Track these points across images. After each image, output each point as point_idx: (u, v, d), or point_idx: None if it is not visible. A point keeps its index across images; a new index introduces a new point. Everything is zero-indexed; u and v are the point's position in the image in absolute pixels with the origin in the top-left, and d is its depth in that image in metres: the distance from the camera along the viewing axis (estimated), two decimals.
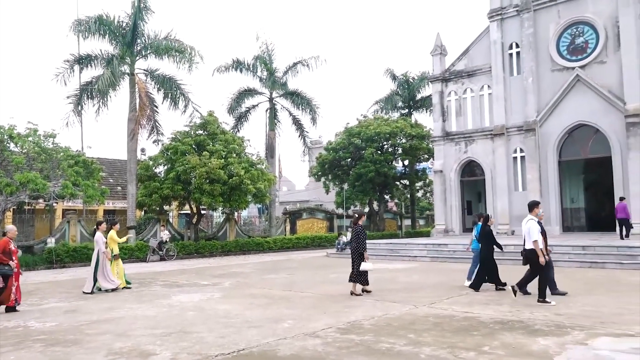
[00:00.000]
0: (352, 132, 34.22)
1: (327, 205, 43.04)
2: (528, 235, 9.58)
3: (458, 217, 27.45)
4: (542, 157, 24.27)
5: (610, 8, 22.71)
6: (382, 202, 37.00)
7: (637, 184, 21.44)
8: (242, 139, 27.79)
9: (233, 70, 31.96)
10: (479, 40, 27.21)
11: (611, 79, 22.53)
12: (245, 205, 27.25)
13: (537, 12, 24.82)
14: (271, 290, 12.26)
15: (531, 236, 9.48)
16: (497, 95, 25.85)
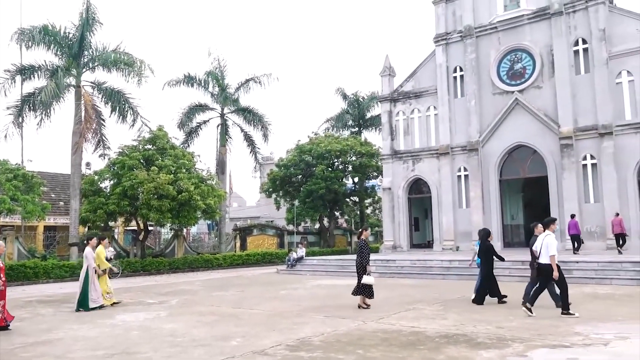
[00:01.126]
0: (304, 149, 34.53)
1: (278, 221, 42.97)
2: (546, 249, 9.79)
3: (406, 233, 28.11)
4: (485, 175, 25.35)
5: (545, 37, 24.23)
6: (333, 218, 37.36)
7: (571, 202, 22.76)
8: (193, 155, 27.48)
9: (184, 85, 31.72)
10: (425, 63, 28.28)
11: (547, 103, 23.95)
12: (195, 221, 26.85)
13: (479, 38, 26.12)
14: (220, 307, 12.14)
15: (549, 250, 9.72)
16: (442, 116, 26.86)
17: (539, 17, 24.38)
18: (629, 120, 21.98)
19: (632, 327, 8.36)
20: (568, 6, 23.65)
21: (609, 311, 10.11)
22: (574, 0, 23.53)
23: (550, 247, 9.70)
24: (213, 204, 25.61)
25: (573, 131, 22.97)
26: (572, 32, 23.57)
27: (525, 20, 24.78)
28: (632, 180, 21.73)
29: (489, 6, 25.97)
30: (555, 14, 23.83)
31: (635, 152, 21.68)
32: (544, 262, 9.79)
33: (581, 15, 23.34)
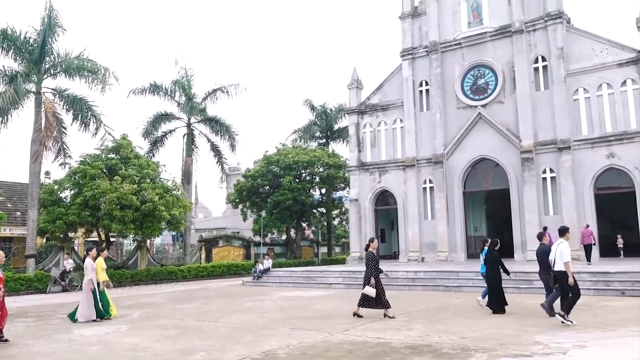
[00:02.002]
0: (271, 160, 34.43)
1: (244, 232, 42.58)
2: (560, 256, 9.99)
3: None
4: (449, 187, 25.84)
5: (507, 54, 25.03)
6: (300, 229, 37.27)
7: (531, 213, 23.42)
8: (157, 164, 27.00)
9: (150, 94, 31.22)
10: (392, 76, 28.75)
11: (509, 118, 24.66)
12: (159, 232, 26.31)
13: (444, 53, 26.76)
14: (183, 320, 11.89)
15: (563, 257, 9.92)
16: (408, 129, 27.30)
17: (501, 34, 25.18)
18: (586, 136, 22.86)
19: (589, 336, 8.61)
20: (528, 25, 24.52)
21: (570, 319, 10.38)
22: (534, 20, 24.43)
23: (564, 254, 9.92)
24: (178, 215, 25.17)
25: (533, 145, 23.71)
26: (532, 49, 24.42)
27: (488, 38, 25.54)
28: (589, 193, 22.54)
29: (454, 23, 26.67)
30: (516, 32, 24.67)
31: (592, 166, 22.53)
32: (559, 269, 10.02)
33: (541, 34, 24.23)
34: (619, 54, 22.58)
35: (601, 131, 22.59)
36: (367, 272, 11.39)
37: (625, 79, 22.28)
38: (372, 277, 11.11)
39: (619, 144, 22.10)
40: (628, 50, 22.46)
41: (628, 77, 22.22)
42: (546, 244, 11.22)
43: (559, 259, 10.00)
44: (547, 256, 10.72)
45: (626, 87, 22.26)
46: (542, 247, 11.11)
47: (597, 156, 22.54)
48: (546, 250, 10.93)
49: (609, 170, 22.43)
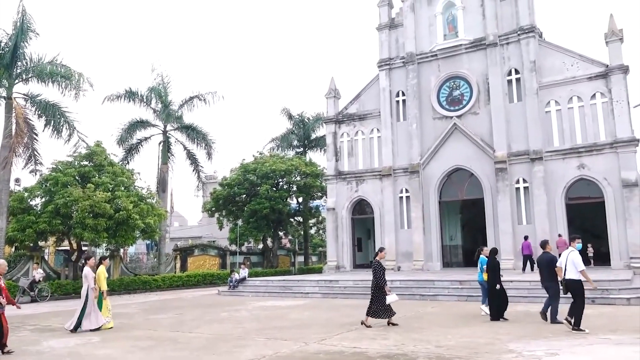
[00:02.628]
0: (248, 168, 34.26)
1: (220, 241, 42.16)
2: (572, 265, 10.13)
3: (349, 253, 28.34)
4: (425, 197, 26.09)
5: (481, 66, 25.53)
6: (276, 238, 37.10)
7: (505, 222, 23.82)
8: (132, 172, 26.59)
9: (125, 101, 30.80)
10: (369, 86, 29.01)
11: (483, 129, 25.10)
12: (133, 241, 25.84)
13: (420, 64, 27.14)
14: (157, 331, 11.68)
15: (577, 266, 10.08)
16: (385, 139, 27.53)
17: (476, 47, 25.68)
18: (557, 147, 23.40)
19: (561, 344, 8.76)
20: (502, 38, 25.08)
21: (539, 328, 10.55)
22: (507, 33, 25.00)
23: (576, 263, 10.11)
24: (153, 223, 24.79)
25: (507, 156, 24.16)
26: (505, 62, 24.97)
27: (463, 50, 26.02)
28: (561, 203, 23.04)
29: (430, 35, 27.10)
30: (490, 45, 25.19)
31: (563, 176, 23.06)
32: (570, 277, 10.16)
33: (514, 47, 24.81)
34: (588, 68, 23.25)
35: (572, 142, 23.17)
36: (374, 282, 11.39)
37: (594, 92, 22.93)
38: (384, 285, 11.22)
39: (589, 155, 22.69)
40: (597, 64, 23.14)
41: (597, 90, 22.88)
42: (549, 253, 11.47)
43: (571, 267, 10.18)
44: (552, 264, 10.98)
45: (595, 100, 22.91)
46: (546, 256, 11.33)
47: (568, 167, 23.08)
48: (550, 258, 11.20)
49: (579, 181, 22.98)
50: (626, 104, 22.22)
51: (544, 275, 11.28)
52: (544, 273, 11.24)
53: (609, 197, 22.02)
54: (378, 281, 11.31)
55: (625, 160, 21.86)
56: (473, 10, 26.08)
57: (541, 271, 11.38)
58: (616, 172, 21.96)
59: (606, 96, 22.65)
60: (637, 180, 21.59)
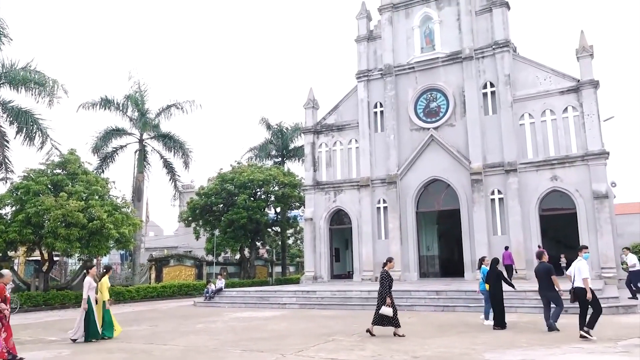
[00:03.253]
0: (226, 177, 34.02)
1: (196, 251, 41.62)
2: (578, 273, 10.29)
3: (327, 264, 28.30)
4: (402, 207, 26.28)
5: (458, 79, 25.97)
6: (254, 248, 36.83)
7: (480, 233, 24.13)
8: (107, 180, 26.13)
9: (101, 108, 30.35)
10: (348, 97, 29.21)
11: (459, 141, 25.48)
12: (107, 251, 25.33)
13: (398, 76, 27.47)
14: (130, 343, 11.44)
15: (582, 274, 10.22)
16: (363, 149, 27.71)
17: (452, 60, 26.13)
18: (531, 159, 23.89)
19: (536, 353, 8.88)
20: (477, 52, 25.59)
21: (514, 338, 10.68)
22: (482, 47, 25.52)
23: (582, 270, 10.28)
24: (127, 233, 24.35)
25: (482, 167, 24.55)
26: (481, 75, 25.46)
27: (440, 63, 26.44)
28: (534, 214, 23.47)
29: (407, 47, 27.49)
30: (466, 58, 25.67)
31: (537, 188, 23.52)
32: (579, 285, 10.31)
33: (489, 61, 25.32)
34: (560, 82, 23.86)
35: (545, 155, 23.68)
36: (380, 291, 11.38)
37: (566, 105, 23.53)
38: (387, 296, 11.17)
39: (561, 168, 23.21)
40: (569, 79, 23.77)
41: (569, 104, 23.48)
42: (546, 262, 11.70)
43: (578, 275, 10.36)
44: (549, 274, 11.28)
45: (567, 113, 23.50)
46: (543, 265, 11.60)
47: (541, 179, 23.56)
48: (547, 268, 11.46)
49: (552, 192, 23.46)
50: (596, 118, 22.84)
51: (543, 284, 11.56)
52: (543, 283, 11.52)
53: (581, 209, 22.53)
54: (383, 291, 11.32)
55: (596, 172, 22.42)
56: (449, 24, 26.57)
57: (540, 281, 11.65)
58: (587, 184, 22.49)
59: (577, 110, 23.26)
60: (607, 192, 22.15)
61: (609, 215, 22.00)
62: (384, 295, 11.28)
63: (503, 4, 25.45)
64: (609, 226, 21.88)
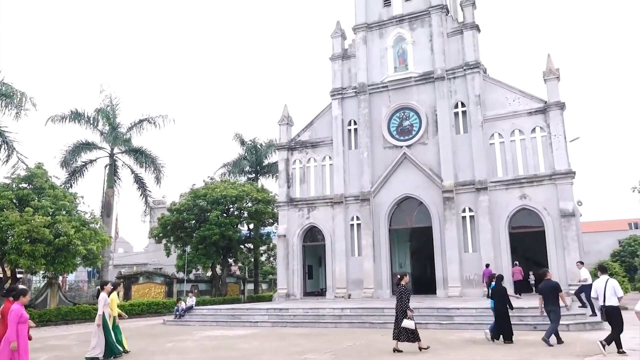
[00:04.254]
0: (198, 193, 33.61)
1: (167, 268, 40.84)
2: (613, 292, 10.29)
3: (299, 281, 28.10)
4: (376, 225, 26.39)
5: (430, 98, 26.44)
6: (226, 265, 36.35)
7: (452, 250, 24.37)
8: (75, 195, 25.52)
9: (71, 122, 29.76)
10: (322, 114, 29.39)
11: (431, 159, 25.84)
12: (73, 268, 24.59)
13: (372, 95, 27.81)
14: None
15: (617, 292, 10.25)
16: (337, 166, 27.83)
17: (425, 80, 26.62)
18: (501, 177, 24.38)
19: None
20: (449, 73, 26.16)
21: (487, 355, 10.75)
22: (454, 68, 26.11)
23: (617, 290, 10.34)
24: (95, 249, 23.72)
25: (454, 185, 24.91)
26: (452, 95, 25.99)
27: (413, 82, 26.91)
28: (504, 232, 23.88)
29: (381, 66, 27.92)
30: (438, 78, 26.19)
31: (507, 206, 23.97)
32: (610, 304, 10.33)
33: (460, 81, 25.90)
34: (528, 104, 24.55)
35: (514, 174, 24.20)
36: (398, 306, 11.38)
37: (534, 126, 24.18)
38: (407, 309, 11.19)
39: (530, 186, 23.74)
40: (536, 100, 24.48)
41: (537, 124, 24.13)
42: (551, 280, 12.33)
43: (611, 294, 10.39)
44: (555, 291, 11.86)
45: (535, 134, 24.14)
46: (549, 283, 12.19)
47: (511, 197, 24.03)
48: (554, 285, 12.08)
49: (521, 211, 23.94)
50: (563, 138, 23.52)
51: (548, 300, 12.02)
52: (549, 298, 12.00)
53: (549, 227, 23.03)
54: (402, 305, 11.31)
55: (563, 191, 23.01)
56: (422, 45, 27.13)
57: (545, 297, 12.09)
58: (555, 203, 23.04)
59: (545, 130, 23.91)
60: (574, 211, 22.72)
61: (576, 233, 22.54)
62: (404, 309, 11.33)
63: (473, 26, 26.16)
64: (576, 244, 22.40)
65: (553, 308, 11.92)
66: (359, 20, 28.87)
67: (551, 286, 12.09)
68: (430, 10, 27.00)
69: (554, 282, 12.28)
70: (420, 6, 27.46)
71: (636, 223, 62.95)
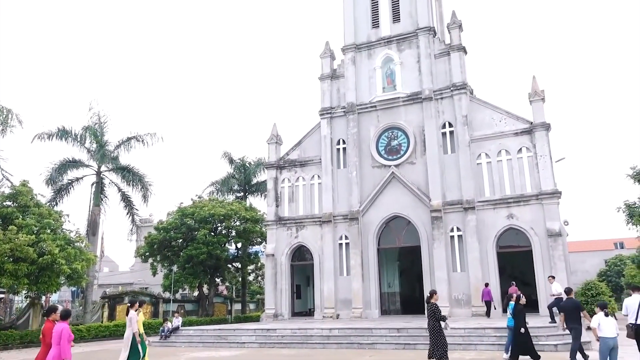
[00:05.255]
0: (186, 212, 33.34)
1: (153, 288, 40.29)
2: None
3: (287, 301, 27.84)
4: (364, 244, 26.34)
5: (418, 118, 26.69)
6: (213, 285, 35.91)
7: (441, 270, 24.35)
8: (60, 214, 25.19)
9: (58, 139, 29.51)
10: (311, 133, 29.50)
11: (420, 178, 25.98)
12: (57, 287, 24.13)
13: (360, 114, 28.02)
14: None
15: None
16: (326, 185, 27.85)
17: (413, 100, 26.91)
18: (488, 197, 24.55)
19: None
20: (437, 93, 26.48)
21: None
22: (441, 89, 26.45)
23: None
24: (80, 269, 23.35)
25: (442, 205, 25.01)
26: (440, 116, 26.27)
27: (401, 102, 27.19)
28: (492, 251, 23.95)
29: (370, 87, 28.19)
30: (426, 99, 26.50)
31: (494, 225, 24.09)
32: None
33: (447, 102, 26.21)
34: (514, 124, 24.88)
35: (501, 193, 24.39)
36: (431, 324, 11.33)
37: (520, 146, 24.48)
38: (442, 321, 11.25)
39: (517, 206, 23.92)
40: (522, 121, 24.82)
41: (523, 145, 24.44)
42: (574, 298, 12.76)
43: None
44: (577, 310, 12.16)
45: (522, 154, 24.42)
46: (572, 301, 12.56)
47: (498, 216, 24.17)
48: (576, 304, 12.43)
49: (509, 230, 24.06)
50: (549, 159, 23.82)
51: (571, 318, 12.26)
52: (572, 316, 12.26)
53: (536, 246, 23.15)
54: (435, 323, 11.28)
55: (549, 211, 23.20)
56: (410, 66, 27.49)
57: (567, 315, 12.36)
58: (542, 222, 23.21)
59: (531, 151, 24.21)
60: (560, 230, 22.89)
61: (563, 253, 22.67)
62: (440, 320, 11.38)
63: (460, 48, 26.60)
64: (563, 263, 22.51)
65: (575, 326, 12.23)
66: (347, 41, 29.24)
67: (574, 305, 12.47)
68: (417, 32, 27.44)
69: (576, 301, 12.71)
70: (407, 28, 27.91)
71: (621, 243, 63.58)
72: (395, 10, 28.66)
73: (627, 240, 59.17)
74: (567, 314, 12.41)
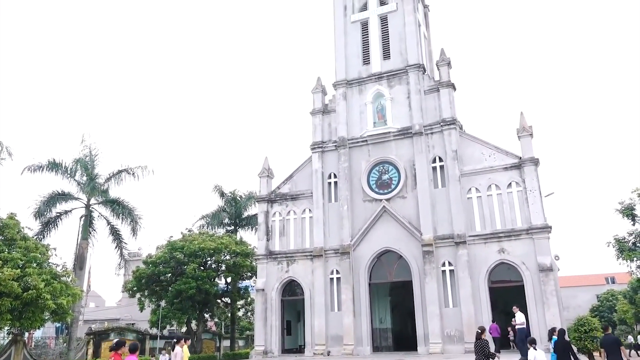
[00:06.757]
0: (175, 246, 32.94)
1: (140, 324, 39.42)
2: None
3: (277, 337, 27.30)
4: (355, 279, 26.08)
5: (409, 153, 26.93)
6: (202, 321, 35.19)
7: (433, 305, 24.09)
8: (47, 247, 24.75)
9: (47, 171, 29.34)
10: (302, 167, 29.60)
11: (411, 212, 26.00)
12: (41, 323, 23.48)
13: (351, 149, 28.24)
14: None
15: None
16: (317, 219, 27.76)
17: (403, 135, 27.21)
18: (479, 231, 24.56)
19: None
20: (427, 128, 26.82)
21: None
22: (431, 124, 26.81)
23: None
24: (65, 304, 22.77)
25: (433, 239, 24.96)
26: (430, 150, 26.53)
27: (392, 137, 27.47)
28: (484, 286, 23.79)
29: (361, 121, 28.53)
30: (416, 133, 26.81)
31: (486, 260, 24.02)
32: None
33: (437, 137, 26.53)
34: (504, 159, 25.16)
35: (492, 228, 24.42)
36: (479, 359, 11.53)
37: (510, 181, 24.69)
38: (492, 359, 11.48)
39: (508, 240, 23.92)
40: (511, 156, 25.12)
41: (512, 180, 24.65)
42: (612, 334, 12.86)
43: None
44: (617, 345, 12.29)
45: (512, 188, 24.61)
46: (611, 337, 12.73)
47: (489, 251, 24.13)
48: (615, 339, 12.61)
49: (500, 265, 23.98)
50: (538, 193, 23.99)
51: (611, 353, 12.36)
52: (612, 352, 12.35)
53: (528, 281, 23.04)
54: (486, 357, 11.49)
55: (540, 245, 23.22)
56: (400, 101, 27.92)
57: (609, 351, 12.45)
58: (533, 257, 23.18)
59: (521, 185, 24.40)
60: (551, 265, 22.86)
61: (554, 288, 22.57)
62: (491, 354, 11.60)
63: (449, 85, 27.11)
64: (555, 298, 22.38)
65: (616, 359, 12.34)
66: (339, 77, 29.73)
67: (613, 340, 12.55)
68: (407, 69, 27.99)
69: (615, 337, 12.81)
70: (398, 65, 28.48)
71: (612, 277, 63.58)
72: (385, 48, 29.30)
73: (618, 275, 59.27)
74: (608, 350, 12.56)
